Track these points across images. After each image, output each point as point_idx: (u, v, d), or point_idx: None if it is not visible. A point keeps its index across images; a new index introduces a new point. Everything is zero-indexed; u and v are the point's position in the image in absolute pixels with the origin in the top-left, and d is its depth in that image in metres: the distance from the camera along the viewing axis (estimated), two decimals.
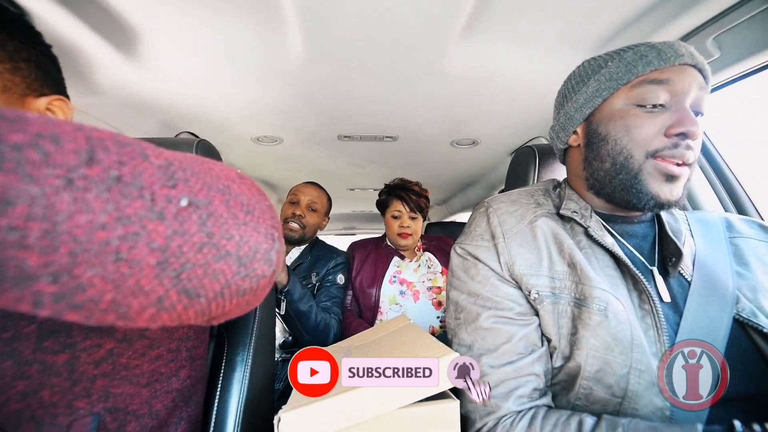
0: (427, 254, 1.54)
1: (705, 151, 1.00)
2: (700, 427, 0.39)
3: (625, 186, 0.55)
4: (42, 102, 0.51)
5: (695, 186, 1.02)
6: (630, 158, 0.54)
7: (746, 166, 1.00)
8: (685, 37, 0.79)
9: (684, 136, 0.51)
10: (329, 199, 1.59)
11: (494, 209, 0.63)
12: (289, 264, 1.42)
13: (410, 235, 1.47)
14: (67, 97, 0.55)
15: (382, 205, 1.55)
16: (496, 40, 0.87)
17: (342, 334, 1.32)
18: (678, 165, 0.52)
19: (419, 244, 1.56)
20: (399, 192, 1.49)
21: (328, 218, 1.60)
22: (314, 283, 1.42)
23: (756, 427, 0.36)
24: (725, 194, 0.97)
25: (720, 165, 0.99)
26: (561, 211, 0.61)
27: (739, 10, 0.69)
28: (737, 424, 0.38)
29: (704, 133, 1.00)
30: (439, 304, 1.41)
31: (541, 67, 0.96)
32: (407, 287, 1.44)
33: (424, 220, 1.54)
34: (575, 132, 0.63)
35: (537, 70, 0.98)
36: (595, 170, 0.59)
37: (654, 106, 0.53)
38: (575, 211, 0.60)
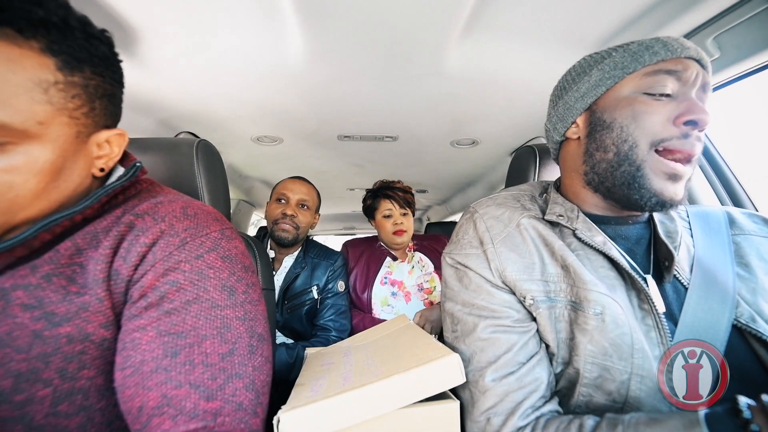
0: (419, 254, 1.54)
1: (705, 151, 1.00)
2: (702, 411, 0.38)
3: (626, 180, 0.53)
4: (102, 135, 0.47)
5: (695, 185, 1.02)
6: (635, 147, 0.51)
7: (746, 166, 1.00)
8: (685, 37, 0.79)
9: (694, 124, 0.49)
10: (318, 195, 1.50)
11: (480, 214, 0.62)
12: (284, 275, 1.37)
13: (405, 231, 1.45)
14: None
15: (370, 209, 1.53)
16: (496, 40, 0.87)
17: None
18: (682, 163, 0.51)
19: (410, 244, 1.56)
20: (385, 191, 1.48)
21: (319, 215, 1.51)
22: (316, 297, 1.35)
23: (765, 397, 0.34)
24: (725, 194, 0.97)
25: (719, 164, 0.99)
26: (546, 217, 0.59)
27: (739, 10, 0.69)
28: (741, 399, 0.36)
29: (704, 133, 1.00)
30: (431, 304, 1.41)
31: (541, 67, 0.96)
32: (398, 288, 1.44)
33: (413, 216, 1.54)
34: (575, 123, 0.60)
35: (537, 70, 0.98)
36: (596, 162, 0.56)
37: (662, 95, 0.51)
38: (561, 215, 0.59)
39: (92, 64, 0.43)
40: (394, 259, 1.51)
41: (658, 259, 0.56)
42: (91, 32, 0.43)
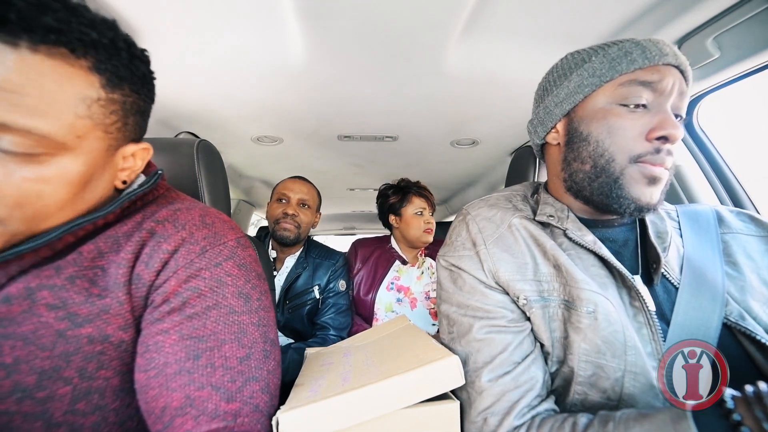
0: (429, 260, 1.50)
1: (705, 151, 1.00)
2: (690, 405, 0.38)
3: (604, 190, 0.53)
4: (129, 149, 0.48)
5: (695, 186, 1.02)
6: (612, 162, 0.52)
7: (746, 166, 1.00)
8: (685, 37, 0.79)
9: (665, 139, 0.50)
10: (319, 194, 1.50)
11: (472, 216, 0.62)
12: (285, 275, 1.37)
13: (433, 230, 1.45)
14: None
15: (395, 206, 1.47)
16: (496, 40, 0.87)
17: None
18: (659, 167, 0.51)
19: (422, 248, 1.52)
20: (416, 189, 1.46)
21: (320, 214, 1.52)
22: (317, 297, 1.36)
23: (748, 388, 0.34)
24: (725, 194, 0.97)
25: (719, 164, 0.99)
26: (537, 218, 0.60)
27: (739, 10, 0.69)
28: (726, 391, 0.36)
29: (704, 132, 1.00)
30: (437, 314, 1.40)
31: (541, 67, 0.96)
32: (404, 294, 1.42)
33: None
34: (554, 129, 0.61)
35: (537, 70, 0.97)
36: (574, 171, 0.57)
37: (636, 106, 0.51)
38: (551, 215, 0.59)
39: (131, 82, 0.44)
40: (404, 263, 1.48)
41: (647, 260, 0.56)
42: (134, 52, 0.44)
